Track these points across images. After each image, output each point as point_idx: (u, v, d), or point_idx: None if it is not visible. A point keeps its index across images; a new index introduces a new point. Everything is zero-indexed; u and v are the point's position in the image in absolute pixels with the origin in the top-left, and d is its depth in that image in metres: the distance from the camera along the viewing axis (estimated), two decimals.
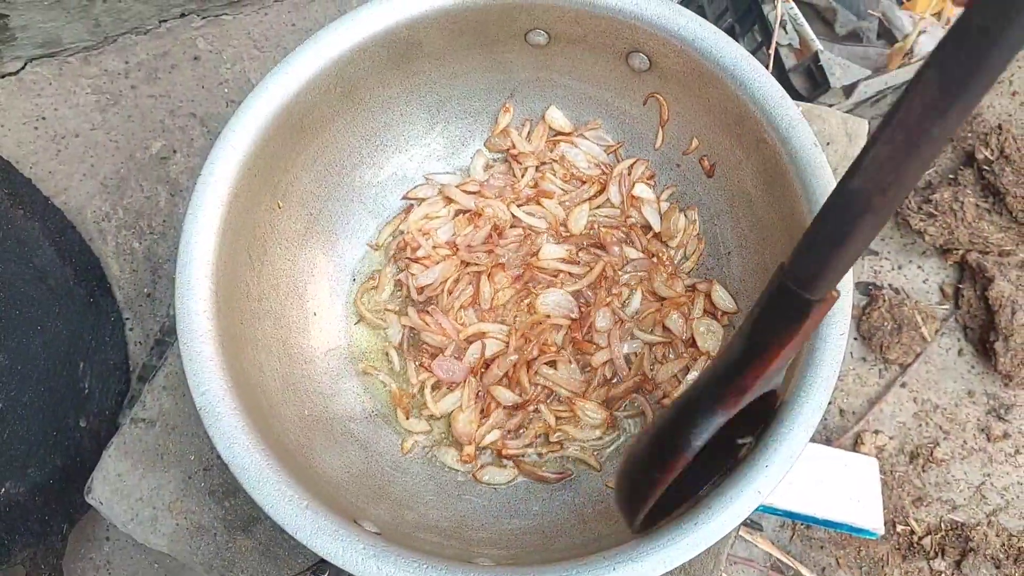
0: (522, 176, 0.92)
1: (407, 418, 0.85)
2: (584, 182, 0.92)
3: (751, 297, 0.81)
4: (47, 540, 0.97)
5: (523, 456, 0.84)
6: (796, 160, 0.71)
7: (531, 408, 0.84)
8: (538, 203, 0.92)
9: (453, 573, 0.59)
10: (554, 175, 0.92)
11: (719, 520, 0.59)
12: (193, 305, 0.67)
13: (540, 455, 0.84)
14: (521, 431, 0.84)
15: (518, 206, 0.92)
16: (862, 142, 0.96)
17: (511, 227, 0.91)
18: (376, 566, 0.58)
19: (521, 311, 0.88)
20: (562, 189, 0.92)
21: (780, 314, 0.50)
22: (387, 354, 0.88)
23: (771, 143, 0.73)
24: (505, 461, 0.84)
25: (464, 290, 0.88)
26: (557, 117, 0.92)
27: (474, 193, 0.92)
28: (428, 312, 0.87)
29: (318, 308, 0.86)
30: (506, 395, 0.84)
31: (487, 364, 0.86)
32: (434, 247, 0.90)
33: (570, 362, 0.86)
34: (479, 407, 0.85)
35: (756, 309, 0.52)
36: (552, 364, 0.85)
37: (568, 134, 0.92)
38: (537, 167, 0.93)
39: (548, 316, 0.87)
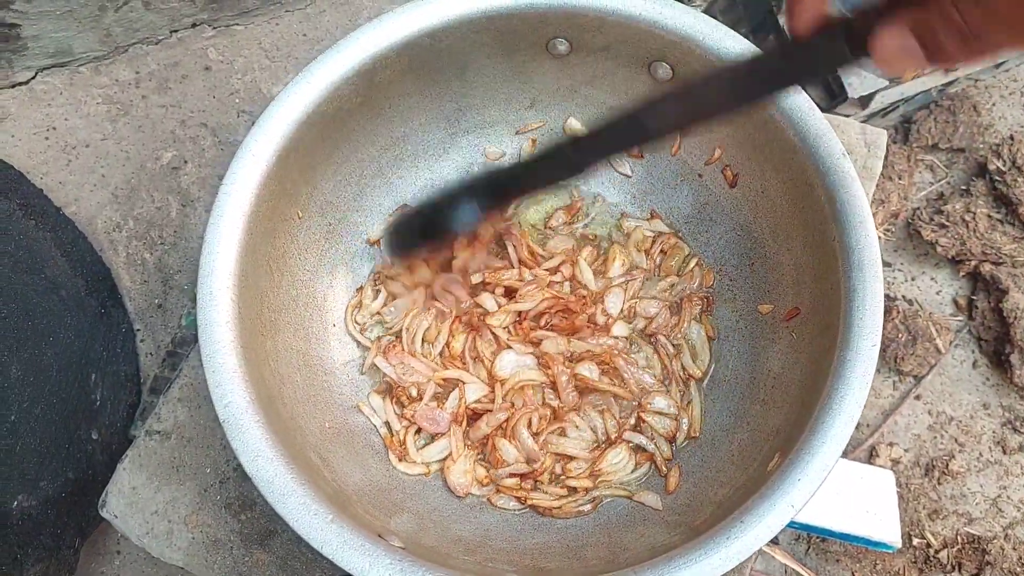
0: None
1: (399, 461, 0.82)
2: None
3: (778, 307, 0.80)
4: (59, 554, 0.96)
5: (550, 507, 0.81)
6: (823, 170, 0.70)
7: (543, 472, 0.82)
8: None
9: None
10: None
11: (753, 534, 0.59)
12: (215, 316, 0.66)
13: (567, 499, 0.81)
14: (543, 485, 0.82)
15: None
16: (881, 152, 0.96)
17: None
18: None
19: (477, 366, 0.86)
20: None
21: (556, 167, 0.65)
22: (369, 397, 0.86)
23: (797, 153, 0.72)
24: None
25: (424, 326, 0.87)
26: (577, 128, 0.91)
27: None
28: (394, 352, 0.85)
29: (337, 319, 0.85)
30: (509, 451, 0.82)
31: (473, 413, 0.84)
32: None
33: (576, 427, 0.83)
34: (474, 457, 0.83)
35: (541, 159, 0.67)
36: (561, 431, 0.83)
37: None
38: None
39: (519, 382, 0.84)
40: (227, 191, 0.70)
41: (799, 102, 0.72)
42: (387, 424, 0.83)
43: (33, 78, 1.24)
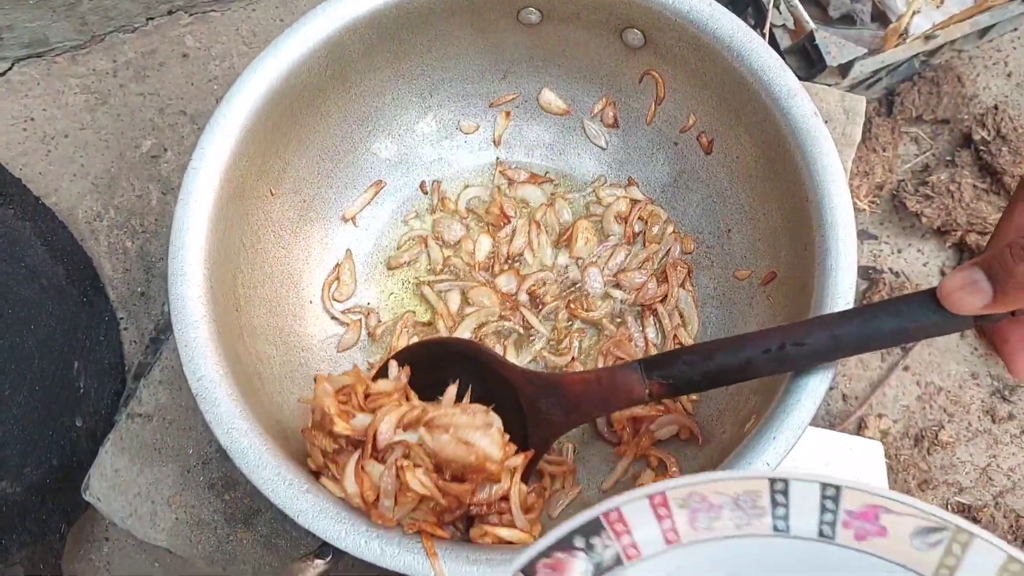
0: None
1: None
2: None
3: (755, 272, 0.80)
4: (45, 540, 0.96)
5: None
6: (796, 130, 0.70)
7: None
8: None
9: (456, 552, 0.58)
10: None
11: None
12: (186, 291, 0.66)
13: None
14: None
15: None
16: (860, 119, 0.96)
17: None
18: (379, 547, 0.58)
19: None
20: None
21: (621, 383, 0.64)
22: None
23: (771, 114, 0.72)
24: None
25: None
26: (551, 99, 0.91)
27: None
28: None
29: (313, 296, 0.85)
30: None
31: None
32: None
33: None
34: None
35: (612, 370, 0.65)
36: None
37: (562, 113, 0.92)
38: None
39: None
40: (195, 167, 0.70)
41: (770, 62, 0.72)
42: None
43: (9, 69, 1.24)
